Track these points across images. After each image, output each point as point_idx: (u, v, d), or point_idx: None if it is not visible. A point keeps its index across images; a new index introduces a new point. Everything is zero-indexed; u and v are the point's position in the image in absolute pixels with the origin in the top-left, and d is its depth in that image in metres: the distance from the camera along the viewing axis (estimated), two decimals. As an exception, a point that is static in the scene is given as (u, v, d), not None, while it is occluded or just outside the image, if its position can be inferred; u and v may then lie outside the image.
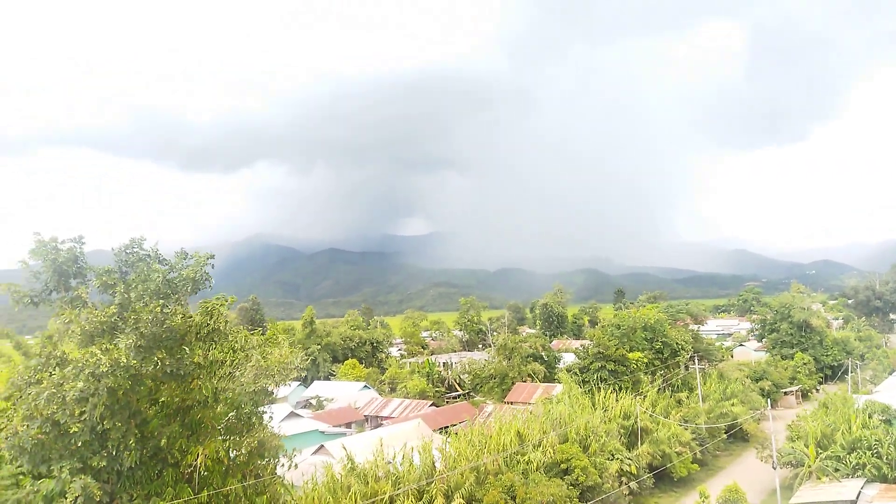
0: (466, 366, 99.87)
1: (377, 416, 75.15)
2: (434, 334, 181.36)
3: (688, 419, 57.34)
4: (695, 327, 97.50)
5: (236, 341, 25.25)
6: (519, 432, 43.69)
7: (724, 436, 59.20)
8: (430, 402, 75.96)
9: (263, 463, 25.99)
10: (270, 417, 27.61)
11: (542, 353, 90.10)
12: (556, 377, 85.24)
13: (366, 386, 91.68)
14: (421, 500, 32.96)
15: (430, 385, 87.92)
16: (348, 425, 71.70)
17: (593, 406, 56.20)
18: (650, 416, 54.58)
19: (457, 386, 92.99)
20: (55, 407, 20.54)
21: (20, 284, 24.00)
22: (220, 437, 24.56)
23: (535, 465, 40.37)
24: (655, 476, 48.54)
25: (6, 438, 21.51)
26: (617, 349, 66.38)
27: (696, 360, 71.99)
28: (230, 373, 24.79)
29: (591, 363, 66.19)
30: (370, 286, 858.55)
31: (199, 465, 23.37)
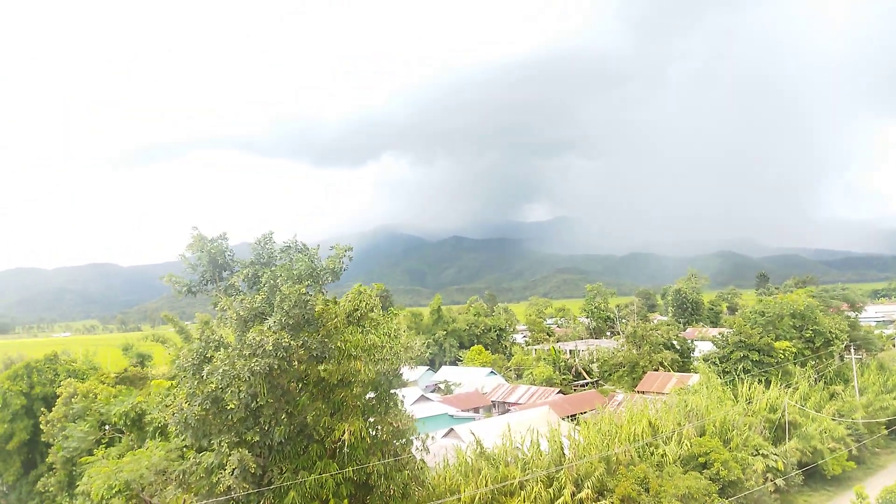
0: (594, 353, 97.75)
1: (504, 402, 75.55)
2: (559, 321, 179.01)
3: (843, 413, 52.54)
4: (851, 314, 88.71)
5: (389, 327, 26.33)
6: (651, 423, 42.11)
7: (885, 431, 53.76)
8: (558, 390, 75.18)
9: (401, 443, 26.93)
10: (403, 398, 28.55)
11: (675, 342, 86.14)
12: (690, 367, 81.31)
13: (492, 372, 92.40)
14: (550, 486, 32.72)
15: (557, 372, 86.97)
16: (476, 410, 72.68)
17: (735, 398, 52.93)
18: (800, 409, 50.52)
19: (584, 374, 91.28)
20: (226, 383, 22.44)
21: (180, 276, 26.38)
22: (362, 417, 25.72)
23: (669, 457, 38.74)
24: (805, 473, 45.02)
25: (173, 414, 23.87)
26: (761, 338, 62.07)
27: (853, 350, 65.73)
28: (376, 356, 25.87)
29: (732, 352, 62.39)
30: (494, 273, 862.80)
31: (344, 442, 24.60)
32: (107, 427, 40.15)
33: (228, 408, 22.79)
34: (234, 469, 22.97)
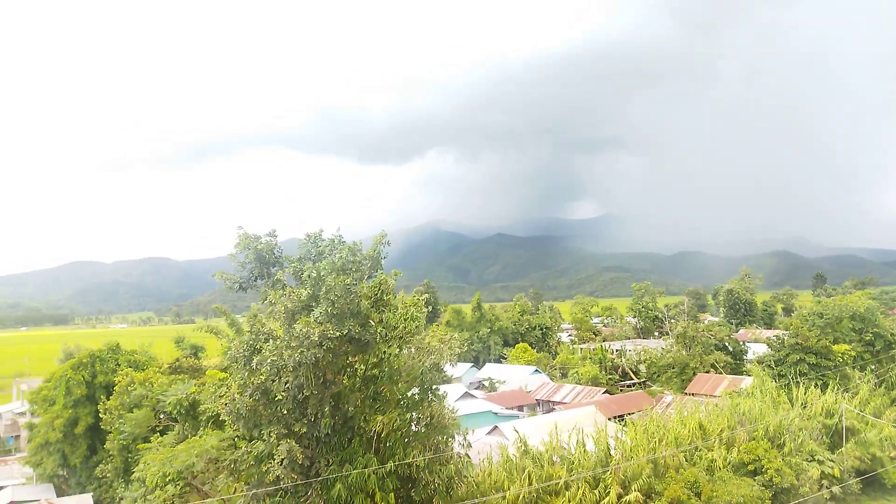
0: (642, 354, 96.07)
1: (549, 401, 74.96)
2: (605, 320, 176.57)
3: (906, 421, 50.19)
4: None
5: (406, 310, 26.51)
6: (702, 426, 41.10)
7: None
8: (604, 390, 74.19)
9: (443, 438, 27.01)
10: (445, 394, 28.60)
11: (727, 343, 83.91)
12: (743, 369, 79.09)
13: (536, 370, 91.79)
14: (596, 488, 32.30)
15: (603, 372, 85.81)
16: (520, 408, 72.33)
17: (790, 402, 51.23)
18: (858, 414, 48.54)
19: (631, 374, 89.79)
20: (274, 373, 22.95)
21: (231, 273, 27.08)
22: (400, 410, 25.90)
23: (719, 461, 37.76)
24: (863, 481, 43.28)
25: (225, 405, 24.49)
26: (819, 340, 59.85)
27: (918, 355, 62.72)
28: (404, 343, 26.06)
29: (788, 355, 60.37)
30: (538, 270, 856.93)
31: (381, 435, 24.83)
32: (161, 416, 41.54)
33: (276, 399, 23.25)
34: (282, 459, 23.45)
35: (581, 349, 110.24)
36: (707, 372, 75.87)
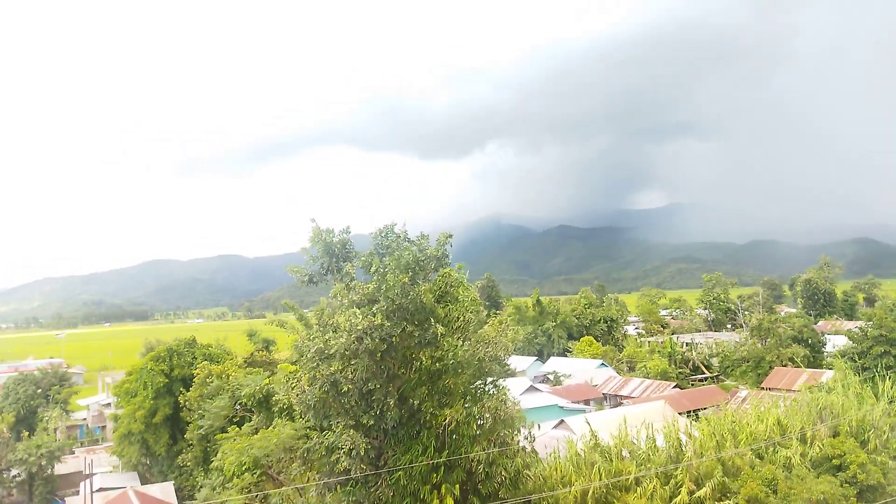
0: (714, 347, 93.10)
1: (616, 395, 73.72)
2: (674, 313, 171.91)
3: None
4: None
5: (466, 302, 26.56)
6: (779, 422, 39.48)
7: None
8: (674, 384, 72.37)
9: (509, 432, 27.00)
10: (509, 389, 28.55)
11: (805, 335, 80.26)
12: (823, 362, 75.52)
13: (603, 364, 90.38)
14: (667, 484, 31.57)
15: (673, 366, 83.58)
16: (586, 402, 71.43)
17: (875, 397, 48.56)
18: (954, 412, 45.51)
19: (703, 368, 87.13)
20: (335, 366, 23.49)
21: (301, 267, 27.77)
22: (464, 403, 26.02)
23: (797, 458, 36.19)
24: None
25: (296, 396, 25.25)
26: (905, 331, 56.49)
27: None
28: (466, 336, 26.14)
29: (871, 347, 57.31)
30: (602, 262, 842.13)
31: (447, 429, 25.02)
32: (238, 406, 43.23)
33: (344, 391, 23.76)
34: (350, 450, 23.99)
35: (649, 342, 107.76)
36: (784, 366, 72.83)
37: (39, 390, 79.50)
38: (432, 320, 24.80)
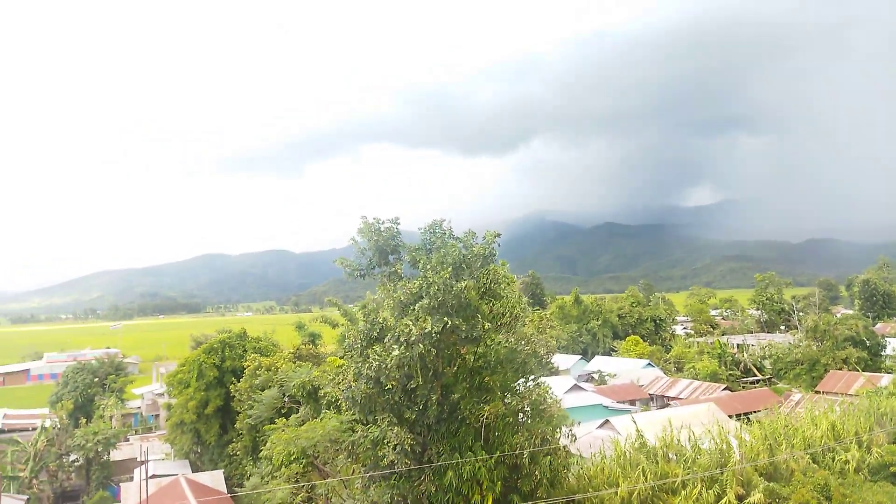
0: (766, 349, 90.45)
1: (663, 396, 72.43)
2: (724, 313, 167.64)
3: None
4: None
5: (511, 299, 26.49)
6: (834, 426, 38.13)
7: None
8: (724, 386, 70.67)
9: (549, 429, 26.86)
10: (550, 387, 28.35)
11: (864, 338, 77.23)
12: (882, 365, 72.61)
13: (649, 364, 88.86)
14: (711, 488, 30.89)
15: (723, 367, 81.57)
16: (632, 402, 70.39)
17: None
18: None
19: (755, 370, 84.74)
20: (378, 374, 23.83)
21: (350, 260, 28.08)
22: (504, 399, 25.98)
23: (853, 464, 34.90)
24: None
25: (342, 391, 25.66)
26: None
27: None
28: (511, 332, 26.09)
29: (934, 352, 54.72)
30: (650, 261, 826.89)
31: (487, 424, 25.06)
32: (286, 398, 44.20)
33: (387, 388, 24.04)
34: (394, 445, 24.26)
35: (698, 343, 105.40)
36: (840, 369, 70.31)
37: (96, 379, 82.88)
38: (479, 317, 24.85)
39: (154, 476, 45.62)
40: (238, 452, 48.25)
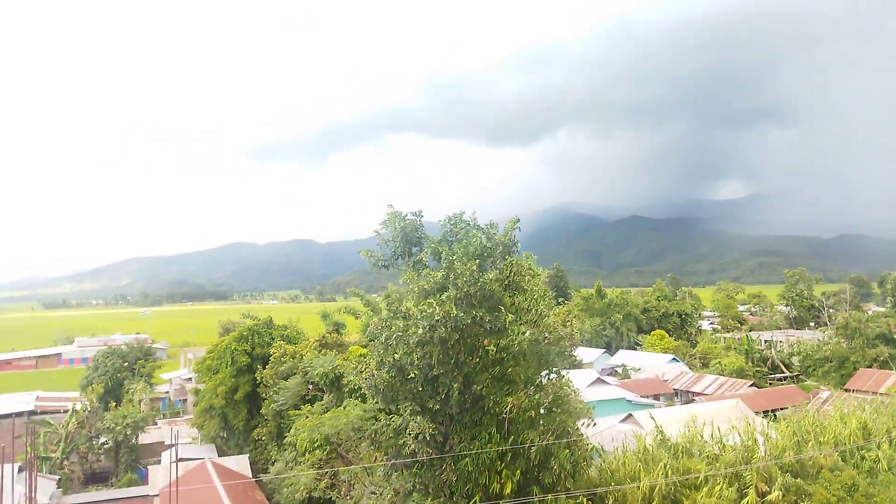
0: (795, 345, 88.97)
1: (688, 391, 71.73)
2: (752, 309, 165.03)
3: None
4: None
5: (537, 293, 26.34)
6: (865, 425, 37.40)
7: None
8: (750, 383, 69.73)
9: (571, 422, 26.77)
10: (572, 381, 28.21)
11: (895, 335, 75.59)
12: (914, 365, 70.86)
13: (674, 359, 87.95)
14: (735, 484, 30.53)
15: (750, 364, 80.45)
16: (656, 397, 69.81)
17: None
18: None
19: (783, 367, 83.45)
20: (401, 352, 23.96)
21: (374, 250, 28.22)
22: (526, 391, 25.95)
23: (884, 463, 34.22)
24: None
25: (366, 379, 25.87)
26: None
27: None
28: (535, 326, 25.99)
29: (971, 352, 53.32)
30: (676, 255, 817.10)
31: (508, 415, 25.06)
32: (310, 386, 44.69)
33: (410, 376, 24.17)
34: (416, 434, 24.40)
35: (724, 338, 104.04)
36: (870, 367, 68.94)
37: (126, 364, 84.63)
38: (502, 308, 24.83)
39: (180, 459, 46.40)
40: (263, 437, 48.94)
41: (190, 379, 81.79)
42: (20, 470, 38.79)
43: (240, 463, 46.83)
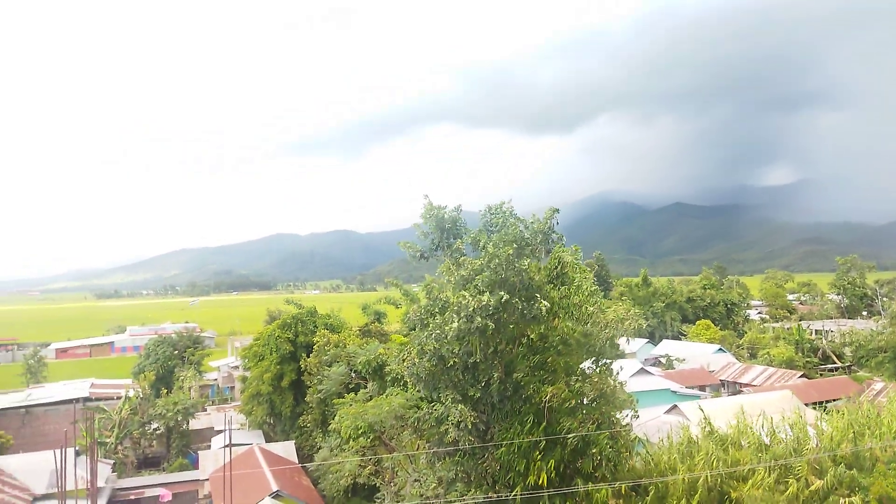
0: (847, 335, 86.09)
1: (735, 382, 70.21)
2: (802, 297, 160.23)
3: None
4: None
5: (584, 292, 26.04)
6: (922, 418, 36.02)
7: None
8: (800, 374, 67.85)
9: (614, 413, 26.49)
10: (620, 368, 27.90)
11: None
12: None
13: (720, 349, 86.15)
14: (786, 476, 29.77)
15: (800, 354, 78.23)
16: (702, 388, 68.58)
17: None
18: None
19: (835, 357, 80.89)
20: (438, 344, 24.10)
21: (413, 242, 28.40)
22: (568, 380, 25.75)
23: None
24: None
25: (407, 368, 26.10)
26: None
27: None
28: (583, 320, 25.73)
29: None
30: (721, 242, 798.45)
31: (548, 405, 24.92)
32: (353, 374, 45.29)
33: (450, 364, 24.26)
34: (458, 422, 24.50)
35: (773, 328, 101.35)
36: (929, 358, 66.31)
37: (176, 352, 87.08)
38: (539, 296, 24.65)
39: (229, 444, 47.61)
40: (308, 424, 49.82)
41: (237, 367, 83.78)
42: (77, 454, 40.42)
43: (286, 449, 47.88)
